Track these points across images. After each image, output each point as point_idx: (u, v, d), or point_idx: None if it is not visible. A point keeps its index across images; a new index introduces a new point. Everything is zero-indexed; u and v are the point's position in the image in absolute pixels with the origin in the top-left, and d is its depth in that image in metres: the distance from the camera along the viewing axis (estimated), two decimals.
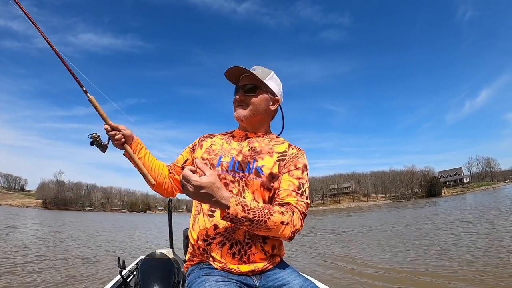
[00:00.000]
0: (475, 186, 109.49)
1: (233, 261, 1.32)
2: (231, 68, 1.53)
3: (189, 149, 1.63)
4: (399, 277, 6.65)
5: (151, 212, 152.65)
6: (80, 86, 1.38)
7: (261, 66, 1.60)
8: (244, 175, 1.41)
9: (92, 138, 1.40)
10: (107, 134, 1.43)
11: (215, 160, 1.46)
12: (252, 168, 1.42)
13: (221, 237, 1.34)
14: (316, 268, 8.11)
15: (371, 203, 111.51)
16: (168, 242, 3.53)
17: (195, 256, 1.43)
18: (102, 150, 1.43)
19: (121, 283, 2.57)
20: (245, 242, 1.34)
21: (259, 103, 1.54)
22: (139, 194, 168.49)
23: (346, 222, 26.91)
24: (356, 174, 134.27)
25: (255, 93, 1.53)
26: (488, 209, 23.40)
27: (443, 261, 7.71)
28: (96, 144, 1.41)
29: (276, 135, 1.67)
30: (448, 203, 44.08)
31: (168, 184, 1.58)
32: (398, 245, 10.97)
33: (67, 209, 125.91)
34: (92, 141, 1.40)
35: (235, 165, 1.43)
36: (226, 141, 1.58)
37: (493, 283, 5.63)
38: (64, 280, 6.97)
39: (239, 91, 1.54)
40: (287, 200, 1.35)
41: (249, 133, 1.60)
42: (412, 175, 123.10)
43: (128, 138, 1.46)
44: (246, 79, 1.54)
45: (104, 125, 1.43)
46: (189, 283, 1.34)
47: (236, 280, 1.30)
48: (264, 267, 1.36)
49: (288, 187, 1.39)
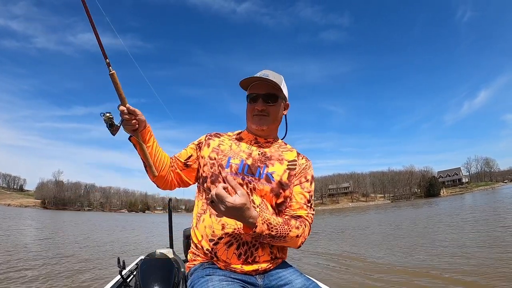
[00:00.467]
0: (473, 186, 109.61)
1: (238, 261, 1.33)
2: (250, 78, 1.50)
3: (194, 146, 1.59)
4: (399, 276, 6.67)
5: (150, 212, 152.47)
6: (104, 57, 1.20)
7: (270, 70, 1.57)
8: (253, 179, 1.43)
9: (105, 118, 1.24)
10: (122, 116, 1.28)
11: (223, 161, 1.45)
12: (262, 173, 1.45)
13: (228, 237, 1.34)
14: (315, 268, 8.12)
15: (370, 203, 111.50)
16: (168, 242, 3.53)
17: (198, 256, 1.42)
18: (112, 133, 1.27)
19: (121, 283, 2.57)
20: (252, 243, 1.35)
21: (278, 112, 1.55)
22: (138, 194, 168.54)
23: (347, 222, 26.92)
24: (355, 174, 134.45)
25: (276, 102, 1.52)
26: (487, 209, 23.43)
27: (445, 261, 7.73)
28: (107, 125, 1.25)
29: (280, 139, 1.68)
30: (447, 203, 44.13)
31: (169, 177, 1.52)
32: (399, 245, 10.99)
33: (66, 209, 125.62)
34: (105, 121, 1.25)
35: (245, 168, 1.44)
36: (235, 143, 1.57)
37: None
38: (64, 280, 6.96)
39: (258, 100, 1.50)
40: (299, 212, 1.44)
41: (259, 137, 1.59)
42: (411, 175, 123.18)
43: (141, 124, 1.33)
44: (264, 86, 1.50)
45: (119, 106, 1.27)
46: (192, 282, 1.34)
47: (239, 280, 1.31)
48: (267, 267, 1.37)
49: (300, 200, 1.46)
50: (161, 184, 1.51)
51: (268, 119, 1.52)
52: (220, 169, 1.43)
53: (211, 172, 1.45)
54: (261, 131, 1.56)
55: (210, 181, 1.45)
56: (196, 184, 1.61)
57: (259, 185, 1.42)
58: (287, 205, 1.47)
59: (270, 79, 1.45)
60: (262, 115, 1.51)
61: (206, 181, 1.47)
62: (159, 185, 1.51)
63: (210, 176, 1.45)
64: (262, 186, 1.42)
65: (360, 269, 7.67)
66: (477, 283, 5.77)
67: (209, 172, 1.46)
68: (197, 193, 1.57)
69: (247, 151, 1.51)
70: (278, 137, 1.67)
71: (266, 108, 1.50)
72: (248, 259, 1.34)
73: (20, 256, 9.80)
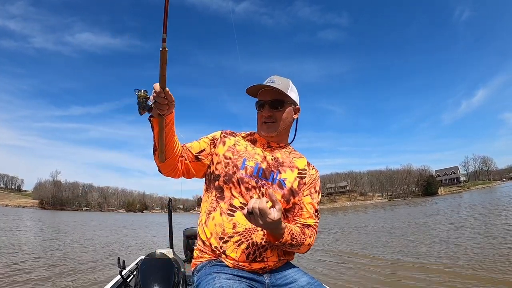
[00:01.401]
0: (471, 185, 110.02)
1: (246, 260, 1.34)
2: (255, 86, 1.52)
3: (208, 140, 1.56)
4: (401, 274, 6.70)
5: (148, 212, 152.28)
6: (164, 31, 1.06)
7: (277, 75, 1.57)
8: (266, 183, 1.45)
9: (140, 96, 1.16)
10: (156, 98, 1.18)
11: (239, 161, 1.45)
12: (276, 179, 1.48)
13: (239, 236, 1.35)
14: (318, 264, 8.15)
15: (368, 202, 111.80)
16: (168, 242, 3.54)
17: (205, 253, 1.41)
18: (140, 112, 1.19)
19: (121, 283, 2.57)
20: (261, 245, 1.37)
21: (286, 117, 1.55)
22: (136, 193, 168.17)
23: (347, 221, 26.98)
24: (353, 173, 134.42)
25: (282, 108, 1.53)
26: (485, 207, 23.57)
27: (443, 257, 7.77)
28: (139, 104, 1.17)
29: (288, 143, 1.68)
30: (446, 201, 44.29)
31: (175, 166, 1.46)
32: (399, 242, 11.05)
33: (64, 209, 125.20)
34: (138, 99, 1.16)
35: (259, 171, 1.46)
36: (250, 145, 1.57)
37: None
38: (64, 280, 6.97)
39: (265, 106, 1.52)
40: (309, 222, 1.50)
41: (271, 142, 1.60)
42: (409, 174, 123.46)
43: (170, 110, 1.25)
44: (270, 93, 1.51)
45: (157, 86, 1.16)
46: (199, 278, 1.33)
47: (247, 278, 1.32)
48: (274, 265, 1.40)
49: (310, 210, 1.52)
50: (165, 171, 1.45)
51: (275, 125, 1.53)
52: (235, 169, 1.44)
53: (225, 171, 1.45)
54: (270, 138, 1.57)
55: (223, 180, 1.44)
56: (204, 179, 1.59)
57: (272, 190, 1.43)
58: (297, 213, 1.51)
59: (273, 86, 1.46)
60: (270, 121, 1.52)
61: (218, 179, 1.46)
62: (163, 171, 1.45)
63: (223, 175, 1.44)
64: (275, 191, 1.44)
65: (362, 265, 7.75)
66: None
67: (223, 171, 1.45)
68: (206, 190, 1.56)
69: (261, 154, 1.52)
70: (288, 142, 1.68)
71: (273, 114, 1.51)
72: (257, 259, 1.36)
73: (21, 258, 9.79)
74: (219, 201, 1.42)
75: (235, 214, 1.37)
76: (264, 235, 1.37)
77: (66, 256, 10.30)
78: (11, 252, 10.69)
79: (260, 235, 1.37)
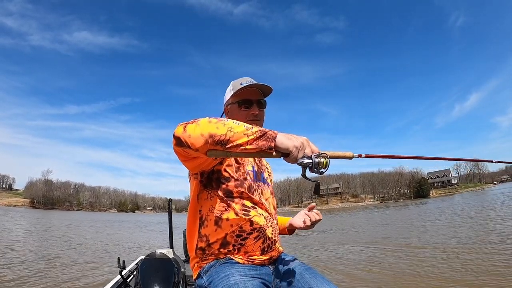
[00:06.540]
0: (462, 187, 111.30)
1: (259, 253, 1.40)
2: (255, 85, 1.53)
3: None
4: (396, 276, 6.76)
5: (140, 212, 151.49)
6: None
7: (249, 77, 1.60)
8: (261, 184, 1.54)
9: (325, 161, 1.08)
10: (314, 163, 1.06)
11: (247, 166, 1.51)
12: (265, 178, 1.60)
13: (257, 232, 1.40)
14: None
15: (360, 203, 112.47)
16: (168, 242, 3.55)
17: (211, 254, 1.39)
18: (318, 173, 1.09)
19: (121, 283, 2.59)
20: (272, 239, 1.45)
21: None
22: (127, 193, 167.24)
23: (340, 222, 27.11)
24: (345, 175, 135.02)
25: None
26: (474, 209, 23.83)
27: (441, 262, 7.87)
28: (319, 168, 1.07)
29: None
30: (436, 203, 44.69)
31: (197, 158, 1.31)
32: (392, 243, 11.14)
33: (55, 208, 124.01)
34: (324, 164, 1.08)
35: (257, 174, 1.54)
36: None
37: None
38: (65, 281, 6.96)
39: (253, 105, 1.55)
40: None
41: None
42: (401, 176, 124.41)
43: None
44: (256, 92, 1.56)
45: (325, 157, 1.08)
46: (211, 277, 1.32)
47: (257, 271, 1.35)
48: (277, 255, 1.49)
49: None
50: (190, 155, 1.27)
51: (259, 123, 1.55)
52: (245, 176, 1.46)
53: (236, 176, 1.44)
54: None
55: (234, 184, 1.42)
56: (193, 173, 1.49)
57: (264, 189, 1.53)
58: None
59: (268, 85, 1.53)
60: (256, 119, 1.53)
61: (228, 181, 1.42)
62: (189, 153, 1.24)
63: (234, 179, 1.43)
64: (266, 190, 1.55)
65: (358, 268, 7.79)
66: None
67: (234, 175, 1.44)
68: (205, 187, 1.45)
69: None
70: None
71: (259, 113, 1.56)
72: (268, 251, 1.43)
73: (22, 258, 9.74)
74: (229, 202, 1.40)
75: (250, 213, 1.40)
76: (273, 229, 1.46)
77: (66, 257, 10.29)
78: (10, 253, 10.59)
79: (271, 230, 1.45)
